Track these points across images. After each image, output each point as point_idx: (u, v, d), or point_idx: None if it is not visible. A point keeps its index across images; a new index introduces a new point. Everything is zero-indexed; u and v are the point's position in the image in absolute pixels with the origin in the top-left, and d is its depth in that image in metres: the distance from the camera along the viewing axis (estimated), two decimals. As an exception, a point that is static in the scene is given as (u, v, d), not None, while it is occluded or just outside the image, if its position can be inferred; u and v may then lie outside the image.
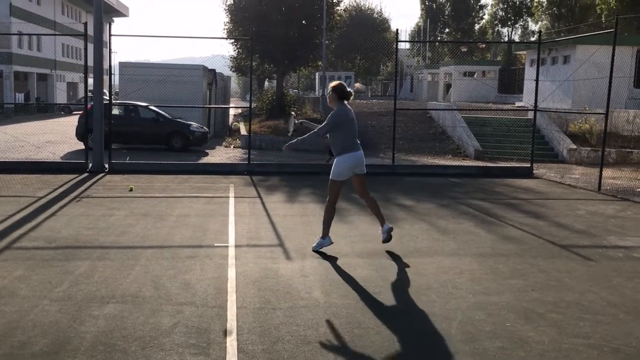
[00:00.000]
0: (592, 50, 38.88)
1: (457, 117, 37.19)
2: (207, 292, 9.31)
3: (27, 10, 75.33)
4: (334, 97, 12.17)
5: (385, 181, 22.28)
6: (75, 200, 17.11)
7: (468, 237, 13.60)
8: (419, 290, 9.68)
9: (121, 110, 32.97)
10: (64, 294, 9.08)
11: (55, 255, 11.28)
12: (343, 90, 12.25)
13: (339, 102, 12.17)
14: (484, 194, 20.20)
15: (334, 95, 12.17)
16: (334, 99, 12.19)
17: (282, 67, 45.52)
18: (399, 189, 20.49)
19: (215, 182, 21.12)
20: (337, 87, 12.27)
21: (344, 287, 9.71)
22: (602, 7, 66.61)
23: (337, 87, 12.29)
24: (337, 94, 12.17)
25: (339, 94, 12.17)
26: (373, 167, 24.38)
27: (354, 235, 13.37)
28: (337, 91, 12.19)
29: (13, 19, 69.92)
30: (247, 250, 11.93)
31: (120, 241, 12.47)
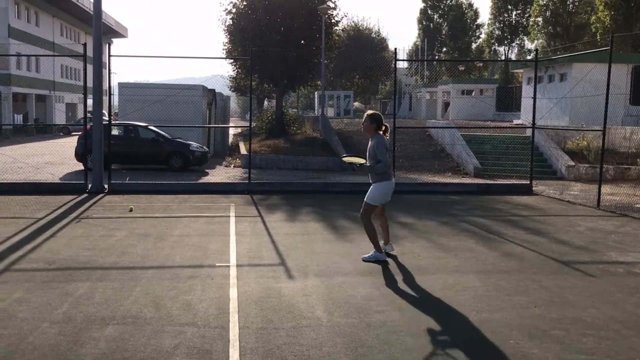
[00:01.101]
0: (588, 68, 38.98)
1: (456, 135, 37.18)
2: (208, 312, 9.22)
3: (26, 32, 75.36)
4: (373, 126, 12.51)
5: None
6: (74, 221, 17.02)
7: (469, 254, 13.53)
8: (422, 308, 9.60)
9: (120, 130, 32.92)
10: (64, 315, 8.99)
11: (54, 276, 11.19)
12: (381, 120, 12.61)
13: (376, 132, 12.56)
14: (484, 211, 20.14)
15: (373, 125, 12.52)
16: (373, 129, 12.53)
17: (281, 87, 45.54)
18: (399, 206, 20.40)
19: (215, 201, 21.05)
20: (377, 117, 12.64)
21: (347, 306, 9.62)
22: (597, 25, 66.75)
23: (377, 117, 12.65)
24: (376, 124, 12.54)
25: (377, 124, 12.55)
26: (373, 186, 24.33)
27: (355, 254, 13.27)
28: (376, 121, 12.56)
29: (11, 40, 69.90)
30: (248, 270, 11.84)
31: (120, 262, 12.38)
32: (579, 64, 43.56)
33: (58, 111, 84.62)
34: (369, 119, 12.60)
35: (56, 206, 19.48)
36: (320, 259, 12.79)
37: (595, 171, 29.06)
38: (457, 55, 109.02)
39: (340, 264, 12.37)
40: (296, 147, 37.97)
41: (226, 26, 44.57)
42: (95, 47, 23.61)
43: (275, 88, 47.22)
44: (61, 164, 33.68)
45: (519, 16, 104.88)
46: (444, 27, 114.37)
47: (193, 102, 37.45)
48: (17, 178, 26.57)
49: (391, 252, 13.31)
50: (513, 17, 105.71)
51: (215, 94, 44.38)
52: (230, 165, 35.88)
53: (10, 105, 70.18)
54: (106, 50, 24.22)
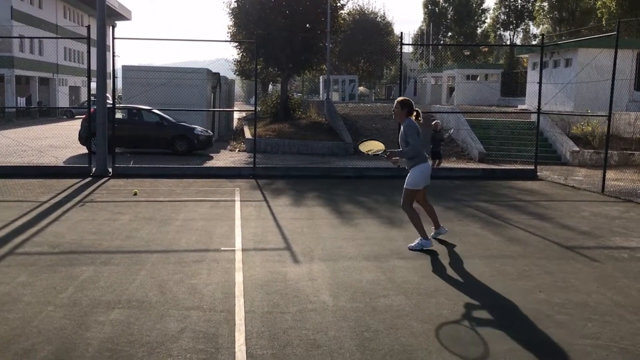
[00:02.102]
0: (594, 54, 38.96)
1: (461, 120, 37.19)
2: (214, 296, 9.23)
3: (29, 14, 75.22)
4: (404, 112, 12.41)
5: (390, 184, 22.21)
6: (78, 205, 17.03)
7: (474, 239, 13.54)
8: (427, 292, 9.60)
9: (124, 114, 32.92)
10: (69, 299, 9.00)
11: (59, 260, 11.20)
12: (412, 105, 12.50)
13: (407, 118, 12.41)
14: (488, 196, 20.14)
15: (404, 111, 12.41)
16: (403, 114, 12.42)
17: (286, 71, 45.49)
18: (404, 191, 20.41)
19: (220, 185, 21.05)
20: (407, 103, 12.53)
21: (352, 290, 9.62)
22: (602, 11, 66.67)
23: (407, 102, 12.54)
24: (407, 108, 12.44)
25: (408, 109, 12.44)
26: (378, 171, 24.41)
27: (360, 238, 13.27)
28: (407, 106, 12.46)
29: (14, 22, 69.79)
30: (254, 254, 11.85)
31: (125, 246, 12.40)
32: (584, 49, 43.49)
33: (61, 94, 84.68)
34: (399, 105, 12.49)
35: (60, 190, 19.49)
36: (326, 244, 12.79)
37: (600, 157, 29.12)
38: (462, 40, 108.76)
39: (346, 248, 12.38)
40: (301, 132, 37.97)
41: (231, 9, 44.49)
42: (99, 29, 23.55)
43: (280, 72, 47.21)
44: (65, 147, 33.72)
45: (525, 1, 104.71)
46: (449, 11, 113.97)
47: (197, 85, 37.42)
48: (21, 161, 26.62)
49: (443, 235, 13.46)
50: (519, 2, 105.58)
51: (220, 77, 44.36)
52: (235, 150, 35.91)
53: (13, 88, 70.11)
54: (110, 32, 24.18)
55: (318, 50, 45.94)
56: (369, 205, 17.95)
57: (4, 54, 68.72)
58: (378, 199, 19.05)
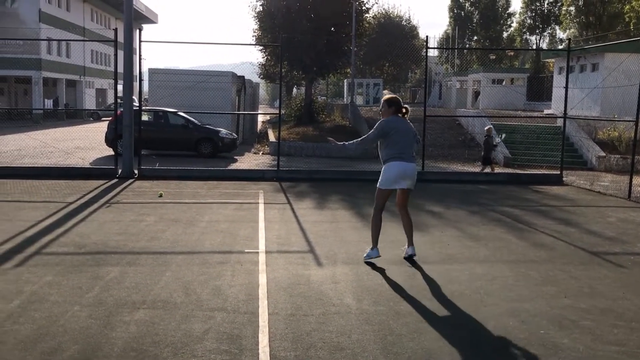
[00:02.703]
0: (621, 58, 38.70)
1: (486, 124, 37.01)
2: (238, 298, 9.26)
3: (56, 17, 75.59)
4: (391, 111, 11.78)
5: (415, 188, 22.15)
6: (105, 206, 17.13)
7: (499, 244, 13.50)
8: (451, 297, 9.59)
9: (150, 116, 33.08)
10: (95, 299, 9.05)
11: (85, 260, 11.27)
12: (399, 103, 11.86)
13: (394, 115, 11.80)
14: (514, 200, 20.08)
15: (390, 109, 11.79)
16: (390, 112, 11.80)
17: (310, 74, 45.53)
18: (428, 195, 20.38)
19: (244, 188, 21.10)
20: (394, 101, 11.89)
21: (376, 294, 9.63)
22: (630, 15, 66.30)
23: (394, 100, 11.90)
24: (393, 107, 11.81)
25: (396, 108, 11.81)
26: (402, 174, 24.34)
27: (384, 242, 13.24)
28: (393, 105, 11.83)
29: (42, 24, 70.18)
30: (277, 257, 11.88)
31: (150, 247, 12.46)
32: (611, 53, 43.29)
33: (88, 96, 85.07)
34: (385, 104, 11.88)
35: (86, 191, 19.60)
36: (349, 247, 12.80)
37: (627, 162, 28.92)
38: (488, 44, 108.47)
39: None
40: (325, 135, 37.94)
41: (256, 12, 44.66)
42: (126, 32, 23.66)
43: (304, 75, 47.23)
44: (91, 149, 33.90)
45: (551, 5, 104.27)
46: (475, 15, 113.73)
47: (222, 88, 37.49)
48: (48, 162, 26.78)
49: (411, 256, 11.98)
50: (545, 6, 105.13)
51: (245, 80, 44.47)
52: (259, 152, 35.98)
53: (40, 90, 70.51)
54: (137, 36, 24.34)
55: (343, 54, 45.98)
56: (392, 209, 17.84)
57: (32, 56, 69.15)
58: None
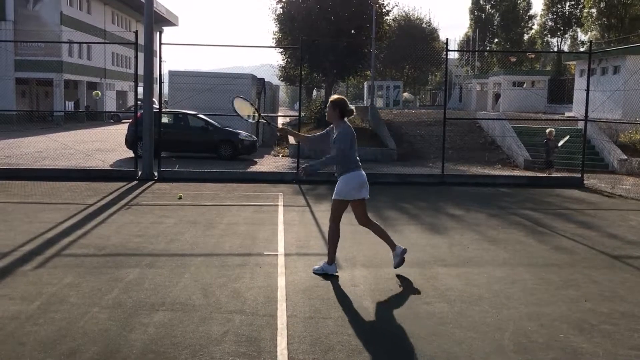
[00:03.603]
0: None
1: (506, 127, 36.97)
2: (257, 300, 9.27)
3: (77, 19, 75.75)
4: (337, 113, 11.18)
5: (435, 191, 22.18)
6: (124, 208, 17.19)
7: (519, 247, 13.46)
8: (470, 300, 9.57)
9: (170, 118, 33.08)
10: (114, 301, 9.09)
11: (104, 262, 11.31)
12: (345, 106, 11.24)
13: (341, 119, 11.25)
14: (534, 204, 20.01)
15: (336, 112, 11.17)
16: (336, 116, 11.20)
17: (330, 77, 45.53)
18: (448, 198, 20.36)
19: (264, 190, 21.12)
20: (340, 102, 11.24)
21: (395, 297, 9.63)
22: (653, 17, 66.00)
23: (340, 102, 11.26)
24: (339, 109, 11.18)
25: (341, 110, 11.19)
26: (422, 177, 24.39)
27: (403, 245, 13.21)
28: (340, 106, 11.19)
29: (63, 27, 70.31)
30: (296, 259, 11.90)
31: (169, 249, 12.49)
32: (633, 56, 43.12)
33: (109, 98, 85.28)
34: (331, 105, 11.25)
35: (106, 193, 19.67)
36: (368, 250, 12.81)
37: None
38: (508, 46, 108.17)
39: (388, 255, 12.29)
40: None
41: (276, 15, 44.69)
42: (147, 35, 23.75)
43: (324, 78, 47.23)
44: (111, 151, 33.99)
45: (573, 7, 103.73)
46: (495, 17, 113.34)
47: (242, 90, 37.23)
48: (68, 164, 26.89)
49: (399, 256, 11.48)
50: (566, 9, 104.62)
51: (265, 83, 44.45)
52: (279, 155, 35.94)
53: (61, 92, 70.69)
54: (157, 38, 24.35)
55: (363, 56, 45.96)
56: (412, 212, 17.92)
57: (53, 58, 69.37)
58: (421, 206, 19.01)
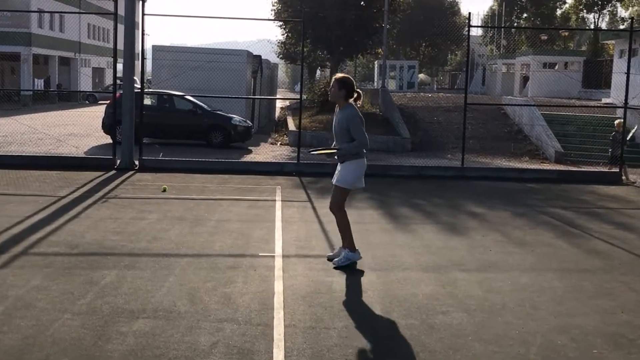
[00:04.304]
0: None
1: (535, 114, 36.92)
2: (250, 307, 9.28)
3: (49, -15, 75.80)
4: (342, 93, 11.55)
5: (453, 185, 22.19)
6: (101, 201, 17.21)
7: (548, 250, 13.48)
8: (492, 310, 9.59)
9: (154, 100, 33.06)
10: (88, 306, 9.10)
11: (78, 262, 11.33)
12: (352, 86, 11.63)
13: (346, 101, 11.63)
14: (565, 201, 20.02)
15: (342, 92, 11.54)
16: (342, 96, 11.57)
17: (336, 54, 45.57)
18: (468, 194, 20.38)
19: (259, 183, 21.14)
20: (348, 82, 11.64)
21: (407, 305, 9.63)
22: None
23: (347, 81, 11.67)
24: (345, 90, 11.57)
25: (348, 91, 11.58)
26: (439, 170, 24.37)
27: (417, 246, 13.27)
28: (347, 86, 11.58)
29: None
30: (296, 261, 11.92)
31: (151, 248, 12.51)
32: (681, 35, 43.06)
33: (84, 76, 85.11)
34: (336, 84, 11.60)
35: (80, 183, 19.68)
36: (378, 251, 12.81)
37: (697, 159, 28.74)
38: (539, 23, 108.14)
39: (400, 257, 12.37)
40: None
41: (275, -17, 44.67)
42: (127, 4, 23.69)
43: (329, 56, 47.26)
44: (86, 136, 33.98)
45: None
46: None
47: (236, 69, 37.46)
48: (37, 151, 26.88)
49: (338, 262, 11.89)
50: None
51: (262, 61, 44.42)
52: (277, 143, 35.97)
53: (30, 68, 70.56)
54: (139, 8, 24.35)
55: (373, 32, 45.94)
56: (428, 209, 17.94)
57: (21, 29, 69.04)
58: (438, 203, 19.04)
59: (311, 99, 47.62)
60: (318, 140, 34.30)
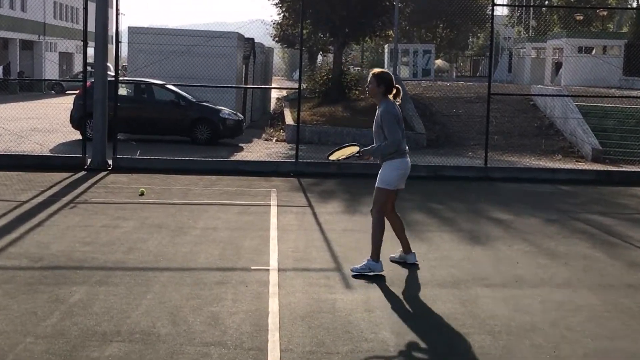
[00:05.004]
0: None
1: (569, 106, 36.89)
2: (241, 329, 9.27)
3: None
4: (381, 89, 12.00)
5: (476, 188, 22.20)
6: (69, 207, 17.21)
7: (584, 263, 13.47)
8: (520, 331, 9.58)
9: (130, 90, 33.04)
10: (54, 328, 9.08)
11: (42, 277, 11.32)
12: (391, 81, 12.05)
13: (386, 97, 12.05)
14: (604, 206, 20.03)
15: (381, 88, 12.00)
16: (380, 92, 12.04)
17: (340, 37, 45.48)
18: (493, 198, 20.39)
19: (252, 185, 21.16)
20: (387, 78, 12.09)
21: (422, 326, 9.64)
22: None
23: (386, 77, 12.11)
24: (385, 85, 12.01)
25: (387, 86, 12.01)
26: (459, 170, 24.36)
27: (434, 258, 13.27)
28: (386, 82, 12.01)
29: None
30: (293, 276, 11.91)
31: (127, 261, 12.51)
32: None
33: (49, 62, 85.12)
34: (374, 79, 12.05)
35: (45, 186, 19.68)
36: (388, 264, 12.79)
37: None
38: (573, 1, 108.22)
39: (414, 270, 12.37)
40: (359, 117, 37.73)
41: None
42: (100, -21, 23.74)
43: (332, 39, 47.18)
44: (52, 132, 33.93)
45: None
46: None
47: (225, 54, 37.43)
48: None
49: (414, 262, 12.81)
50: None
51: (255, 44, 44.40)
52: (272, 139, 35.96)
53: (-14, 53, 70.60)
54: (114, -16, 24.35)
55: (383, 11, 45.86)
56: (446, 215, 17.95)
57: (-24, 9, 69.25)
58: (458, 208, 19.04)
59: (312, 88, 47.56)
60: (320, 135, 34.28)
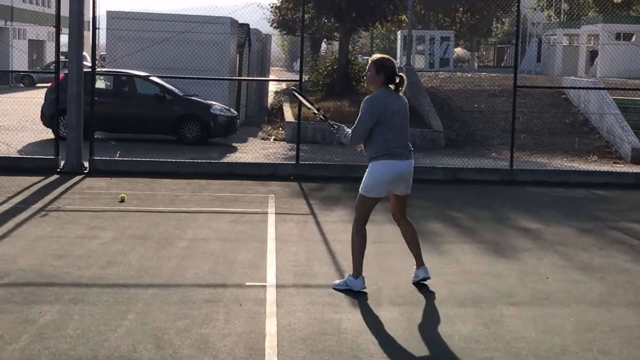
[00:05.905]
0: None
1: (606, 100, 36.85)
2: (234, 353, 9.27)
3: None
4: (380, 78, 11.60)
5: (500, 192, 22.20)
6: (39, 215, 17.21)
7: (622, 278, 13.47)
8: (549, 355, 9.58)
9: (109, 82, 33.03)
10: (22, 353, 9.08)
11: (8, 295, 11.32)
12: (393, 69, 11.68)
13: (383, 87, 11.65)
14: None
15: (380, 76, 11.60)
16: (379, 81, 11.63)
17: (347, 23, 45.48)
18: (519, 204, 20.40)
19: (246, 190, 21.17)
20: (386, 64, 11.67)
21: (439, 350, 9.64)
22: None
23: (386, 63, 11.69)
24: (385, 74, 11.60)
25: (387, 75, 11.61)
26: (482, 173, 24.36)
27: (452, 273, 13.27)
28: (386, 70, 11.61)
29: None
30: (293, 293, 11.91)
31: (105, 276, 12.50)
32: None
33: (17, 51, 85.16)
34: (373, 67, 11.65)
35: (12, 192, 19.68)
36: (401, 280, 12.79)
37: None
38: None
39: (431, 286, 12.36)
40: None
41: None
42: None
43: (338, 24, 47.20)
44: (20, 130, 33.95)
45: None
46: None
47: (216, 42, 37.36)
48: (-45, 149, 26.91)
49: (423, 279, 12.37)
50: None
51: (250, 31, 44.42)
52: (270, 138, 35.98)
53: (-55, 41, 70.64)
54: (90, -38, 24.37)
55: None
56: (466, 224, 17.95)
57: None
58: (479, 215, 19.04)
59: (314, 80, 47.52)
60: (324, 133, 34.22)
